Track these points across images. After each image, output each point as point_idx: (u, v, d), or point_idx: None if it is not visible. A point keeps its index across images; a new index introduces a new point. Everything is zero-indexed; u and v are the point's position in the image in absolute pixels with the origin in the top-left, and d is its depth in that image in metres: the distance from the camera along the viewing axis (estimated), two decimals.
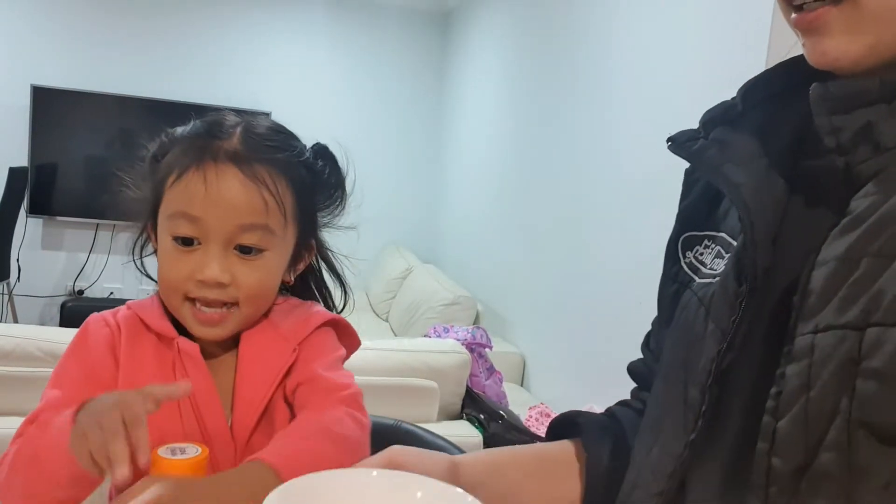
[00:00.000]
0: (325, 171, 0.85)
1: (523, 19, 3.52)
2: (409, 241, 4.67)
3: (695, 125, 0.66)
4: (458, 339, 2.61)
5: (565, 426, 0.75)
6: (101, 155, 4.20)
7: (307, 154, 0.84)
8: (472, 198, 4.12)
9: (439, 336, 2.89)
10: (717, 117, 0.62)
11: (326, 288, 0.92)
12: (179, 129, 0.82)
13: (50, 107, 4.04)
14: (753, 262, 0.53)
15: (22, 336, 1.79)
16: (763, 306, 0.53)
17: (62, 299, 4.15)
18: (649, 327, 0.78)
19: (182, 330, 0.80)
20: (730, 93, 0.65)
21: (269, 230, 0.77)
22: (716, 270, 0.59)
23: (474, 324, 3.35)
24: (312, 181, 0.84)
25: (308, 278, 0.91)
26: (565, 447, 0.72)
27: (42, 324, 4.15)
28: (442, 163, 4.70)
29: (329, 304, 0.92)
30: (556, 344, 2.96)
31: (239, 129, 0.78)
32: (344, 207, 0.88)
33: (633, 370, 0.79)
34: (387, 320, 4.02)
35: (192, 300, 0.77)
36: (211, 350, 0.81)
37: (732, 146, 0.59)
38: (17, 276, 4.08)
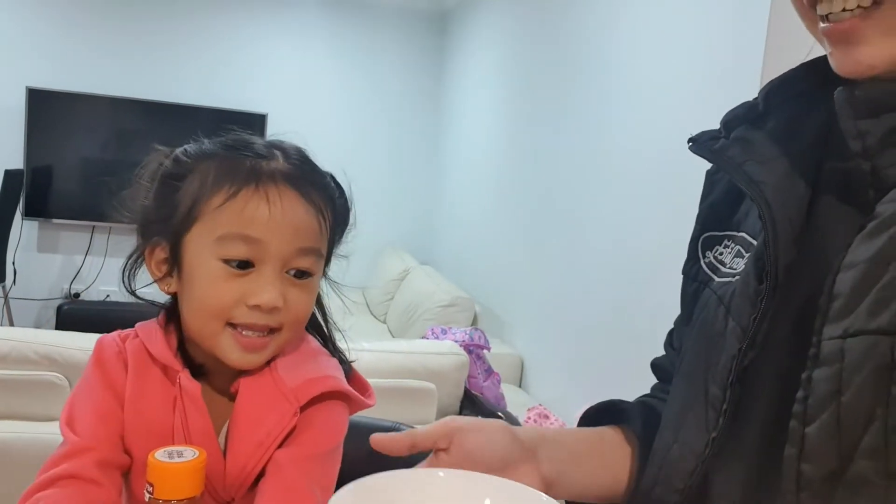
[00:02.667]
0: (343, 196, 0.82)
1: (521, 19, 3.52)
2: (407, 242, 4.67)
3: (693, 125, 0.67)
4: (456, 341, 2.61)
5: (606, 413, 0.75)
6: (97, 157, 4.20)
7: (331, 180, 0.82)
8: (470, 199, 4.12)
9: (437, 337, 2.89)
10: (739, 117, 0.62)
11: (330, 319, 0.87)
12: (196, 148, 0.77)
13: (45, 109, 4.03)
14: (775, 260, 0.53)
15: (18, 339, 1.79)
16: (786, 305, 0.53)
17: (58, 302, 4.14)
18: (648, 328, 0.78)
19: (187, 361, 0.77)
20: (727, 93, 0.65)
21: (320, 254, 0.76)
22: (735, 269, 0.60)
23: (472, 325, 3.35)
24: (338, 206, 0.81)
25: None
26: (613, 435, 0.73)
27: (38, 327, 4.14)
28: (439, 163, 4.70)
29: (331, 341, 0.87)
30: (554, 345, 2.95)
31: (278, 151, 0.75)
32: (347, 235, 0.84)
33: (657, 366, 0.79)
34: (384, 322, 4.02)
35: (233, 325, 0.72)
36: (216, 383, 0.77)
37: (754, 145, 0.59)
38: (12, 278, 4.06)
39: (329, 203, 0.76)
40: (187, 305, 0.74)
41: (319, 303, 0.84)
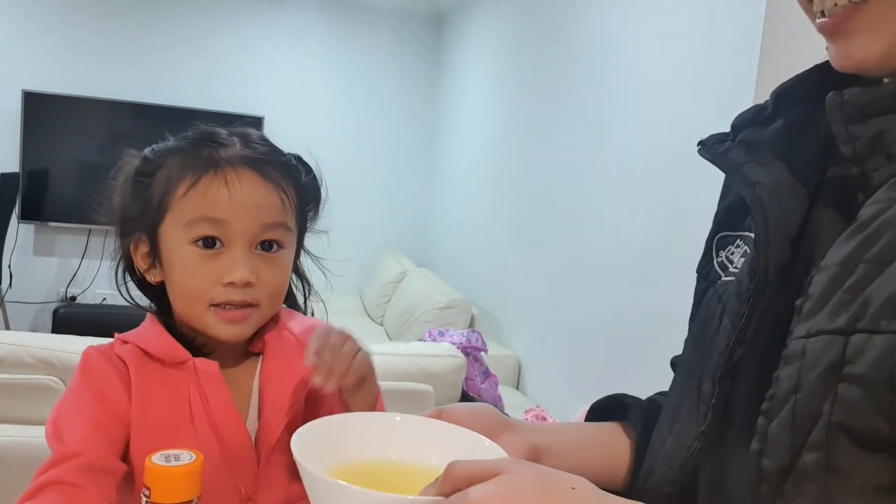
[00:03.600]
0: (309, 173, 0.88)
1: (517, 22, 3.53)
2: (404, 244, 4.66)
3: (691, 126, 0.68)
4: (454, 343, 2.61)
5: (610, 409, 0.77)
6: (93, 160, 4.18)
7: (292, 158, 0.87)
8: (467, 201, 4.12)
9: (434, 340, 2.89)
10: (748, 120, 0.63)
11: (301, 286, 0.93)
12: (162, 146, 0.83)
13: (41, 112, 4.02)
14: (765, 259, 0.54)
15: (14, 343, 1.78)
16: (774, 305, 0.54)
17: (54, 305, 4.13)
18: (645, 330, 0.80)
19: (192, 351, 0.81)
20: (725, 94, 0.66)
21: (287, 228, 0.81)
22: (739, 269, 0.61)
23: (469, 327, 3.35)
24: (303, 183, 0.86)
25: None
26: (612, 426, 0.75)
27: (34, 330, 4.13)
28: (436, 165, 4.70)
29: (299, 304, 0.93)
30: (552, 347, 2.96)
31: (236, 138, 0.81)
32: (320, 211, 0.89)
33: (675, 363, 0.79)
34: (381, 324, 4.01)
35: (216, 304, 0.78)
36: (225, 366, 0.82)
37: (757, 147, 0.60)
38: (8, 282, 4.05)
39: (290, 181, 0.82)
40: (172, 291, 0.80)
41: (305, 279, 0.90)
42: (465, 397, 2.26)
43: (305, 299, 0.92)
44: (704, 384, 0.58)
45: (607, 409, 0.77)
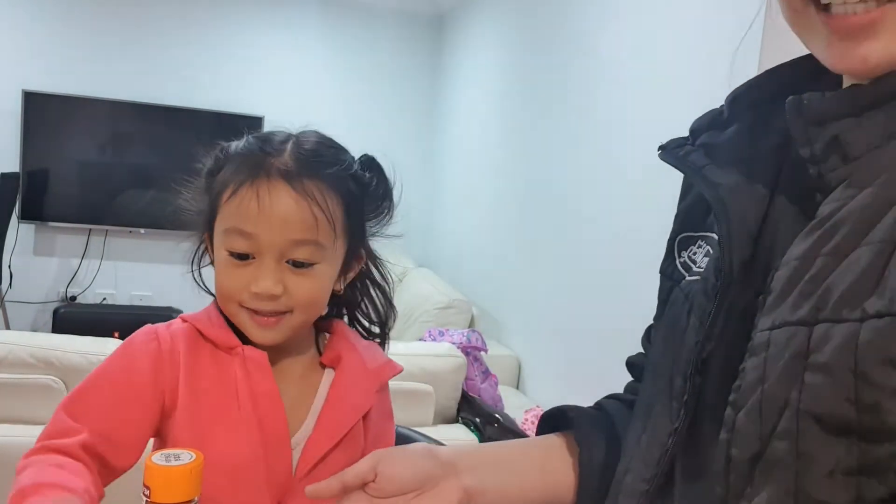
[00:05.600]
0: (373, 182, 0.88)
1: (517, 22, 3.53)
2: (404, 244, 4.65)
3: (688, 127, 0.68)
4: (454, 343, 2.61)
5: (556, 419, 0.77)
6: (93, 160, 4.19)
7: (356, 166, 0.86)
8: (467, 201, 4.12)
9: (434, 340, 2.89)
10: (705, 125, 0.66)
11: (370, 299, 0.94)
12: (234, 144, 0.84)
13: (41, 112, 4.02)
14: (729, 256, 0.56)
15: (14, 342, 1.78)
16: (738, 301, 0.56)
17: (55, 305, 4.13)
18: (644, 328, 0.80)
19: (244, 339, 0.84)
20: (724, 95, 0.66)
21: (319, 245, 0.80)
22: (703, 268, 0.62)
23: (469, 327, 3.35)
24: (361, 193, 0.86)
25: (356, 287, 0.93)
26: (554, 441, 0.75)
27: (34, 330, 4.12)
28: (436, 166, 4.70)
29: (370, 319, 0.95)
30: (552, 346, 2.96)
31: (289, 145, 0.81)
32: (391, 217, 0.92)
33: (632, 363, 0.82)
34: None
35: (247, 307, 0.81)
36: (274, 358, 0.84)
37: (716, 150, 0.62)
38: (9, 282, 4.05)
39: (335, 193, 0.81)
40: (215, 289, 0.84)
41: (380, 287, 0.92)
42: (465, 397, 2.27)
43: (389, 305, 0.94)
44: (675, 381, 0.59)
45: (553, 420, 0.77)
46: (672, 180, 0.74)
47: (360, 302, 0.93)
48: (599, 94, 2.62)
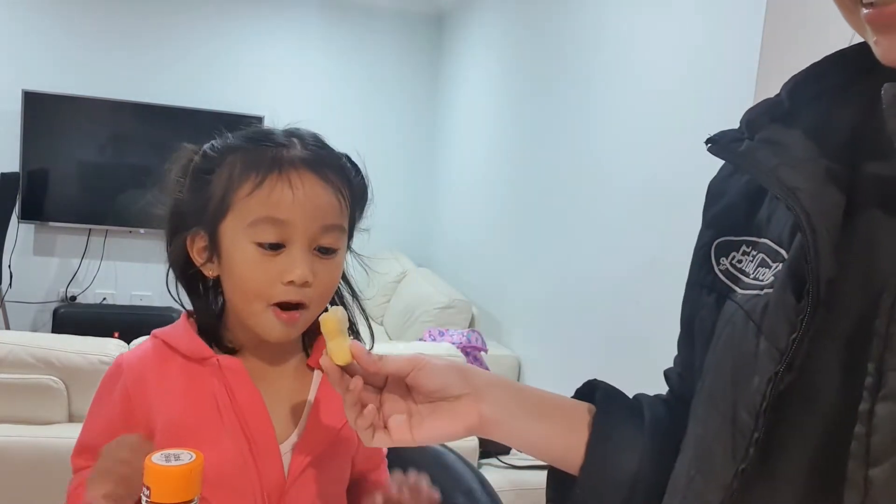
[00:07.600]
0: (358, 175, 0.89)
1: (517, 22, 3.53)
2: (404, 244, 4.66)
3: (689, 128, 0.65)
4: (454, 343, 2.61)
5: (589, 392, 0.75)
6: (93, 160, 4.19)
7: (344, 159, 0.88)
8: (467, 201, 4.12)
9: (434, 340, 2.89)
10: (762, 116, 0.57)
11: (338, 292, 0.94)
12: (221, 143, 0.84)
13: (41, 112, 4.02)
14: (816, 275, 0.47)
15: (14, 342, 1.78)
16: (830, 326, 0.48)
17: (54, 305, 4.13)
18: (643, 330, 0.78)
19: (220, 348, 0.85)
20: (726, 96, 0.65)
21: (342, 230, 0.83)
22: (762, 281, 0.54)
23: (469, 327, 3.35)
24: (352, 184, 0.88)
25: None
26: (581, 404, 0.73)
27: (34, 330, 4.13)
28: (436, 166, 4.70)
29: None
30: (552, 346, 2.96)
31: (295, 139, 0.82)
32: (368, 209, 0.92)
33: (669, 376, 0.76)
34: (382, 324, 4.01)
35: (275, 303, 0.79)
36: (253, 366, 0.84)
37: (786, 147, 0.54)
38: (9, 281, 4.05)
39: (346, 182, 0.83)
40: (230, 287, 0.82)
41: (345, 278, 0.92)
42: None
43: (354, 296, 0.95)
44: (741, 415, 0.51)
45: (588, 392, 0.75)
46: (675, 180, 0.73)
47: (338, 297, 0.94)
48: (600, 93, 2.62)
